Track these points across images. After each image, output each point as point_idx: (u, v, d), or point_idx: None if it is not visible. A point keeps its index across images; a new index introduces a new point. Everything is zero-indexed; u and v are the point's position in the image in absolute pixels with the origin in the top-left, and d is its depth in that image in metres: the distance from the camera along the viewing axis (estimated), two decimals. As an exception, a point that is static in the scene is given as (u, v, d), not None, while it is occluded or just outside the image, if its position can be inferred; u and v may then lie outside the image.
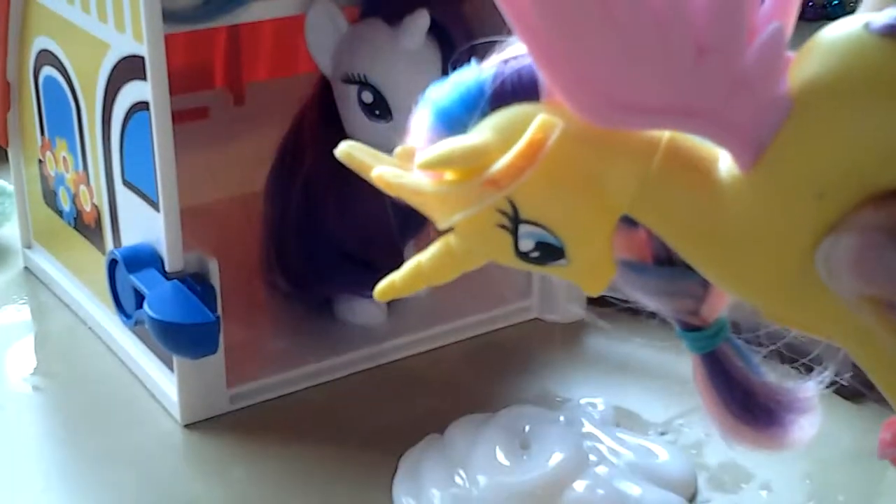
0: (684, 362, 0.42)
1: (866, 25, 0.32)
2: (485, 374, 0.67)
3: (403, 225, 0.67)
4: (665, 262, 0.39)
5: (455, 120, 0.38)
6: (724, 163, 0.35)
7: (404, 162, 0.39)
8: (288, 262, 0.68)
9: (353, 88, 0.63)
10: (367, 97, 0.63)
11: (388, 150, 0.64)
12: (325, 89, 0.65)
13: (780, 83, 0.33)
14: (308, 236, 0.66)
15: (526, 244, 0.37)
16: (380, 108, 0.62)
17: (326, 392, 0.65)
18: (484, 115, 0.37)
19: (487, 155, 0.36)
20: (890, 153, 0.32)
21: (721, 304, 0.40)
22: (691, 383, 0.41)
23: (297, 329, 0.69)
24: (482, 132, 0.37)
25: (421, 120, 0.39)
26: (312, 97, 0.67)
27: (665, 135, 0.36)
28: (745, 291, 0.37)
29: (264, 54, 0.83)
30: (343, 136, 0.64)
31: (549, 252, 0.38)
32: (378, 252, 0.67)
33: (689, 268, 0.38)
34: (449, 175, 0.37)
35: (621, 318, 0.68)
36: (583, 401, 0.63)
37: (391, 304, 0.69)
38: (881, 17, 0.32)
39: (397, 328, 0.69)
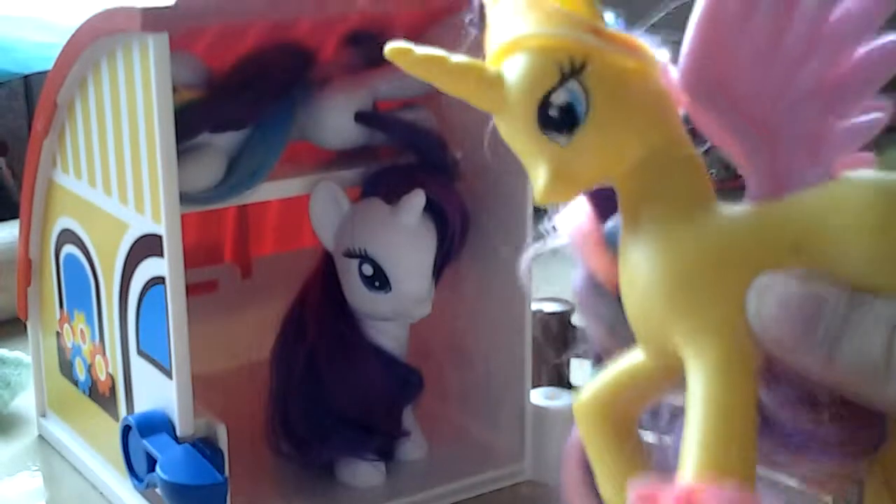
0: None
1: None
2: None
3: (401, 391, 0.71)
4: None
5: None
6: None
7: None
8: (291, 426, 0.70)
9: (354, 262, 0.67)
10: (368, 270, 0.66)
11: (387, 319, 0.69)
12: (327, 263, 0.69)
13: (832, 167, 0.37)
14: (310, 402, 0.69)
15: (560, 97, 0.37)
16: (379, 280, 0.66)
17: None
18: None
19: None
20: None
21: None
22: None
23: (299, 490, 0.71)
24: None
25: None
26: (316, 271, 0.71)
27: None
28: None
29: (270, 230, 0.87)
30: (344, 307, 0.68)
31: (567, 118, 0.37)
32: (377, 417, 0.70)
33: None
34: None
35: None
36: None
37: (389, 467, 0.71)
38: None
39: (395, 490, 0.71)
